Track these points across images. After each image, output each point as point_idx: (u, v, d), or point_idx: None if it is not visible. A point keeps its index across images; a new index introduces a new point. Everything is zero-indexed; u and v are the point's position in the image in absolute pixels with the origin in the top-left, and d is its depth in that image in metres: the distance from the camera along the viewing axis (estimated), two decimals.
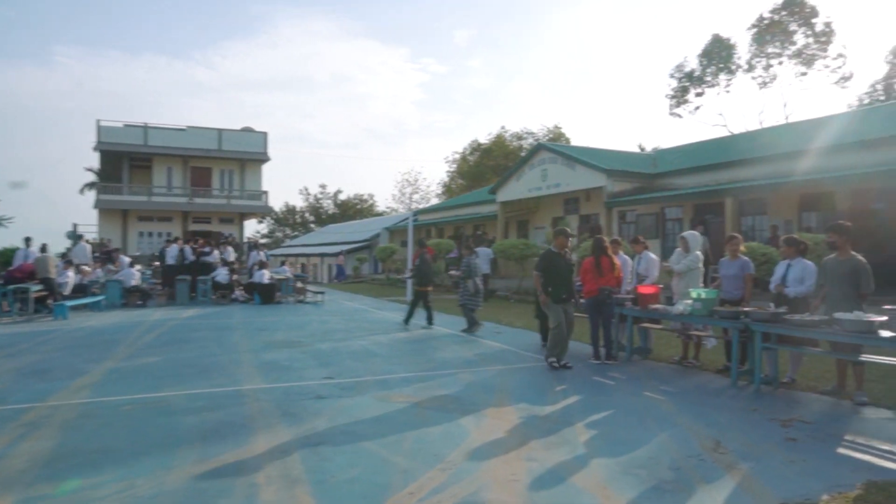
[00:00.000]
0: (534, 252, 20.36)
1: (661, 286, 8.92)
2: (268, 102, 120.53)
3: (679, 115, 44.68)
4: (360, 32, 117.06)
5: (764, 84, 41.45)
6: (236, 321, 13.98)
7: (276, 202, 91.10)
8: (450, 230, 35.52)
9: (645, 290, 8.74)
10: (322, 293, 20.05)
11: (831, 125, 19.88)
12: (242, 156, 40.51)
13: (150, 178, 39.71)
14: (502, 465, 4.55)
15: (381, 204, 79.90)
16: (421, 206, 49.91)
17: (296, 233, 78.46)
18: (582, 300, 9.89)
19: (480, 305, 12.25)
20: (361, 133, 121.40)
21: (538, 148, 25.59)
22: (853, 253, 6.69)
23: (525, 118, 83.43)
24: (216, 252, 20.23)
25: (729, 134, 33.71)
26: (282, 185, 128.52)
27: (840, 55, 38.90)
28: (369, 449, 4.90)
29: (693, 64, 42.24)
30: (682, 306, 8.03)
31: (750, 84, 42.14)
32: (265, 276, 18.31)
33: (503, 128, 72.37)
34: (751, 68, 41.09)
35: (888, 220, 15.31)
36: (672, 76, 42.97)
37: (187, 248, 19.66)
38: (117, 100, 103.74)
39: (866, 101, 38.74)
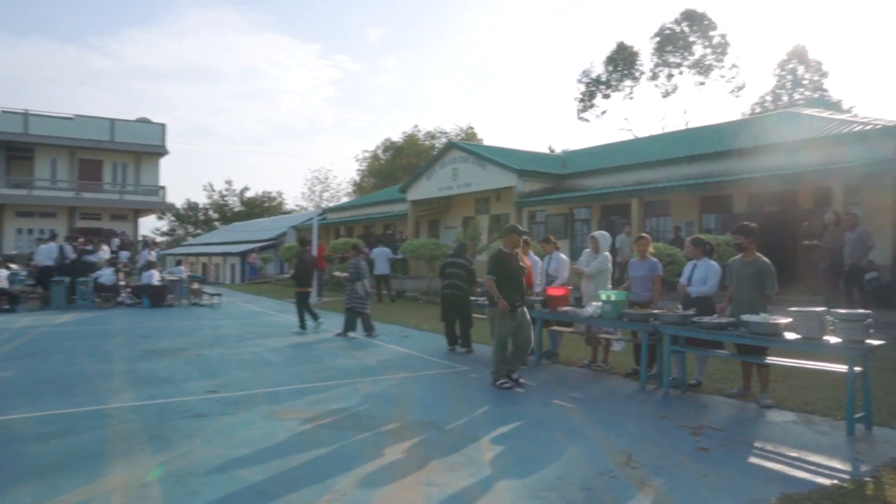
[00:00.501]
0: (443, 252, 20.00)
1: (570, 287, 8.67)
2: (171, 94, 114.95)
3: (586, 119, 45.79)
4: (271, 26, 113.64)
5: (666, 93, 43.13)
6: (117, 327, 12.75)
7: (178, 198, 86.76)
8: (359, 229, 34.69)
9: (554, 291, 8.46)
10: (219, 295, 18.86)
11: (728, 131, 20.66)
12: (137, 148, 37.97)
13: (32, 170, 36.53)
14: (398, 493, 4.02)
15: (291, 202, 77.72)
16: (332, 205, 48.67)
17: (199, 231, 74.97)
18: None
19: (367, 309, 11.66)
20: (271, 129, 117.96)
21: (449, 147, 25.28)
22: (758, 254, 6.62)
23: (438, 119, 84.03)
24: (102, 250, 18.58)
25: (634, 137, 34.70)
26: (185, 182, 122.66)
27: (734, 66, 41.03)
28: (246, 478, 4.24)
29: (600, 69, 43.41)
30: (591, 309, 7.79)
31: (653, 91, 43.80)
32: (154, 276, 16.95)
33: (416, 127, 72.10)
34: (654, 77, 42.65)
35: (781, 222, 15.94)
36: (580, 81, 43.98)
37: (67, 247, 17.93)
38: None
39: (758, 111, 41.00)
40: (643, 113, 74.70)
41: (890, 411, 5.83)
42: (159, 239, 66.81)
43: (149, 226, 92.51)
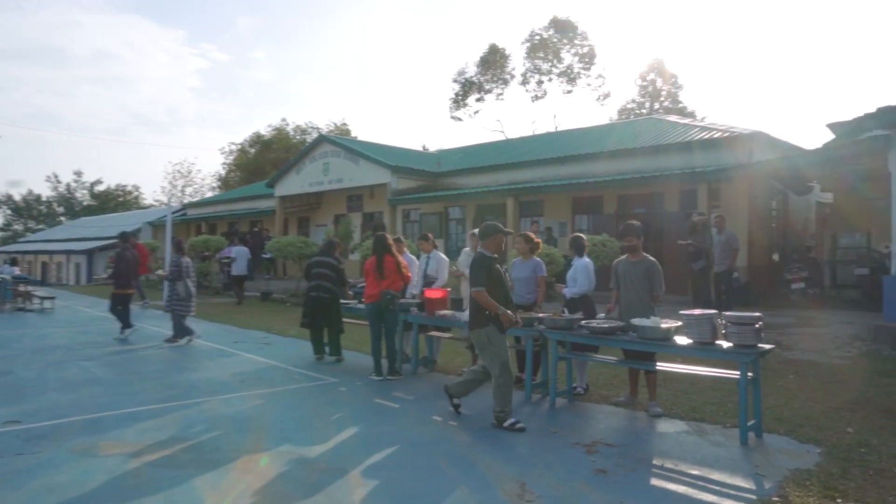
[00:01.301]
0: (312, 250, 18.84)
1: (449, 290, 8.03)
2: (8, 74, 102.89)
3: (459, 119, 45.97)
4: (128, 6, 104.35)
5: (536, 97, 44.19)
6: None
7: (16, 190, 77.79)
8: (224, 226, 32.46)
9: (433, 294, 7.79)
10: (52, 298, 16.53)
11: (597, 134, 21.16)
12: None
13: None
14: None
15: (150, 197, 72.12)
16: (195, 200, 45.32)
17: (41, 226, 67.65)
18: (361, 305, 8.76)
19: (192, 311, 10.52)
20: (128, 118, 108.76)
21: (320, 140, 24.09)
22: (645, 255, 6.31)
23: (311, 115, 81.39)
24: None
25: (506, 138, 35.07)
26: (27, 172, 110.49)
27: (600, 76, 42.80)
28: None
29: (473, 70, 43.65)
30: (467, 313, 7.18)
31: (524, 95, 44.77)
32: None
33: (283, 120, 69.47)
34: (525, 81, 43.51)
35: (648, 224, 16.37)
36: (455, 80, 44.02)
37: None
38: None
39: (622, 118, 43.05)
40: (515, 115, 76.77)
41: (772, 415, 5.67)
42: None
43: None
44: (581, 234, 7.41)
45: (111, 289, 11.37)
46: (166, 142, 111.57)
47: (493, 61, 42.70)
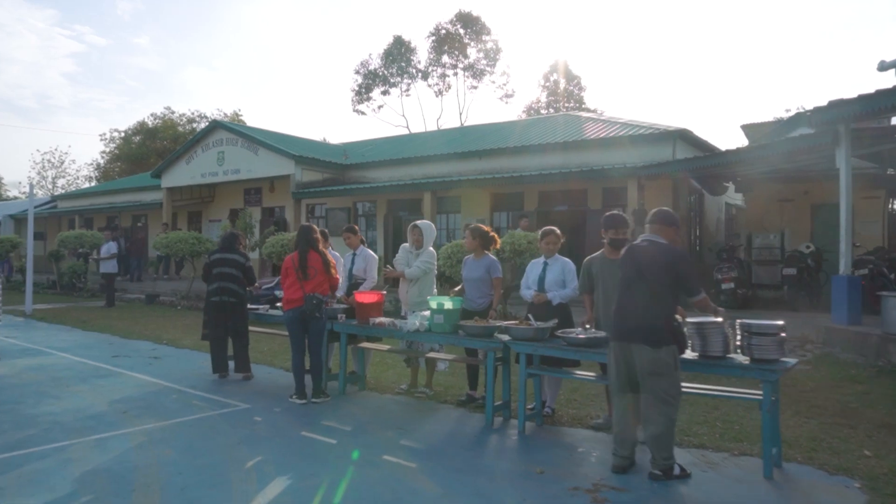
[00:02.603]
0: (206, 247, 16.91)
1: (384, 292, 6.79)
2: None
3: (363, 112, 44.40)
4: None
5: (440, 92, 43.37)
6: None
7: None
8: (102, 220, 29.27)
9: (364, 297, 6.53)
10: None
11: (514, 129, 20.49)
12: None
13: None
14: None
15: (14, 189, 65.02)
16: (68, 192, 40.77)
17: None
18: (275, 311, 7.37)
19: None
20: None
21: (214, 126, 21.88)
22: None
23: (201, 105, 75.90)
24: None
25: (421, 131, 33.93)
26: None
27: (504, 73, 42.63)
28: None
29: (377, 63, 42.24)
30: (417, 320, 6.01)
31: (428, 90, 43.83)
32: None
33: (169, 108, 64.93)
34: (426, 76, 42.55)
35: (571, 221, 15.80)
36: (357, 72, 42.40)
37: None
38: None
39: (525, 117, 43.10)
40: (420, 111, 75.42)
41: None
42: None
43: None
44: (553, 228, 6.37)
45: None
46: (35, 130, 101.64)
47: (398, 54, 41.48)
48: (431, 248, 6.63)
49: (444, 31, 41.28)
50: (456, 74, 42.73)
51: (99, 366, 7.95)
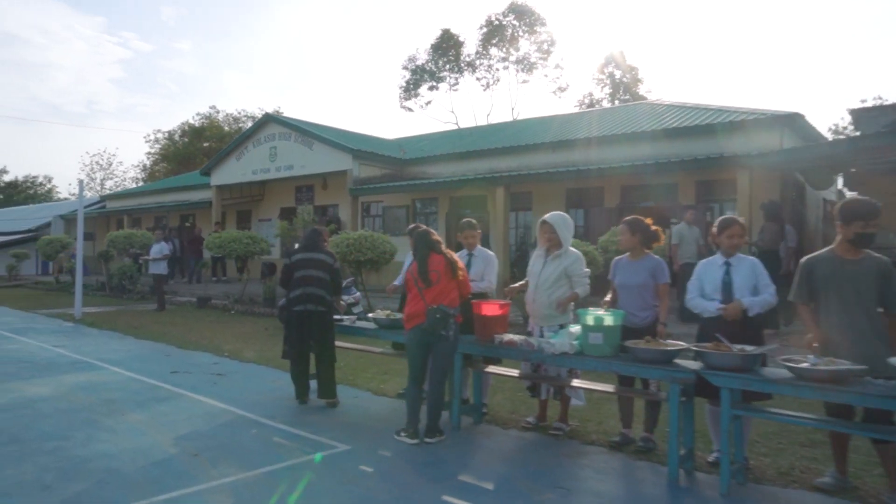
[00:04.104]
0: (262, 247, 15.86)
1: (508, 302, 5.43)
2: None
3: (410, 109, 43.36)
4: None
5: (488, 85, 41.94)
6: None
7: None
8: (150, 220, 28.71)
9: (487, 308, 5.20)
10: None
11: (589, 120, 19.00)
12: None
13: None
14: None
15: (65, 190, 65.93)
16: (116, 192, 40.59)
17: None
18: (365, 323, 6.12)
19: None
20: (40, 108, 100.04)
21: (266, 120, 20.88)
22: (868, 251, 3.96)
23: (240, 108, 76.38)
24: None
25: (486, 124, 32.49)
26: None
27: (558, 66, 41.00)
28: None
29: (425, 57, 41.07)
30: (562, 340, 4.65)
31: (477, 84, 42.46)
32: None
33: (213, 107, 64.89)
34: (474, 69, 41.15)
35: (657, 217, 14.26)
36: (405, 67, 41.26)
37: None
38: None
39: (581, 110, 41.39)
40: (469, 106, 73.20)
41: None
42: None
43: None
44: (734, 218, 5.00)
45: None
46: (84, 135, 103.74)
47: (447, 48, 40.20)
48: (574, 249, 5.24)
49: (496, 23, 39.86)
50: (506, 68, 41.33)
51: (157, 385, 6.79)
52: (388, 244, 12.63)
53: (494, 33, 39.94)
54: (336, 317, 6.29)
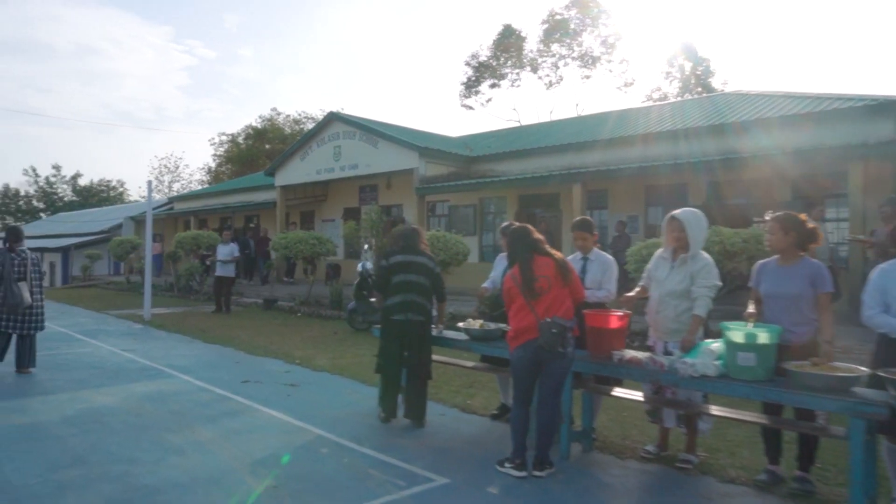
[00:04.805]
0: (328, 249, 15.50)
1: (627, 312, 4.68)
2: None
3: (471, 108, 42.62)
4: (112, 1, 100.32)
5: (550, 84, 40.90)
6: None
7: None
8: (215, 221, 28.99)
9: (603, 320, 4.48)
10: None
11: (672, 112, 17.91)
12: None
13: None
14: None
15: (135, 193, 68.23)
16: (183, 193, 41.48)
17: (20, 223, 63.66)
18: (465, 337, 5.47)
19: (31, 328, 7.37)
20: (112, 115, 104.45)
21: (330, 118, 20.56)
22: None
23: (300, 110, 77.78)
24: None
25: (554, 119, 31.59)
26: (4, 168, 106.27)
27: (624, 60, 39.62)
28: None
29: (487, 54, 40.29)
30: (703, 361, 3.88)
31: (538, 81, 41.45)
32: None
33: (275, 109, 65.77)
34: (535, 68, 40.15)
35: (748, 216, 13.17)
36: (467, 64, 40.60)
37: None
38: None
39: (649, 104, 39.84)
40: (530, 104, 71.19)
41: None
42: None
43: None
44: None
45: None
46: (153, 140, 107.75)
47: (508, 44, 39.36)
48: (705, 254, 4.46)
49: (558, 17, 38.79)
50: (567, 64, 40.19)
51: (227, 396, 6.33)
52: (460, 244, 12.03)
53: (556, 28, 38.88)
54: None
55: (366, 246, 12.63)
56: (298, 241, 15.08)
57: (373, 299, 6.00)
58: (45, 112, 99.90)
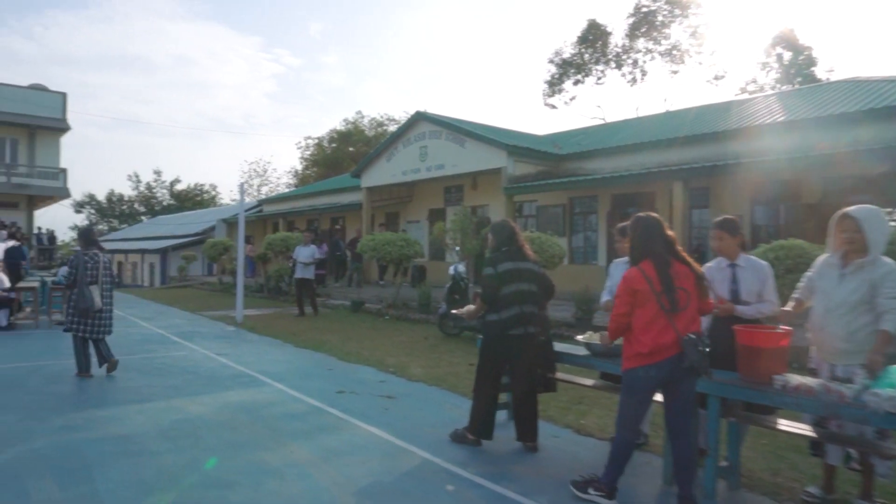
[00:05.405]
0: (416, 250, 15.18)
1: (789, 329, 3.97)
2: (97, 83, 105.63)
3: (554, 107, 41.63)
4: (208, 15, 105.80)
5: (634, 80, 39.35)
6: None
7: (101, 190, 79.04)
8: (302, 222, 29.45)
9: (763, 338, 3.80)
10: None
11: (766, 105, 16.59)
12: (31, 121, 31.41)
13: None
14: None
15: (227, 196, 71.15)
16: (272, 196, 42.64)
17: (124, 225, 67.73)
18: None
19: (101, 332, 7.27)
20: (207, 122, 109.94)
21: (416, 118, 20.32)
22: None
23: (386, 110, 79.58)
24: None
25: (642, 115, 30.44)
26: (111, 174, 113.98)
27: (714, 52, 37.67)
28: None
29: (571, 50, 39.23)
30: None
31: (622, 78, 39.93)
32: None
33: (359, 113, 66.70)
34: (619, 65, 38.68)
35: None
36: (550, 61, 39.66)
37: None
38: None
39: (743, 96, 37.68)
40: (614, 101, 68.48)
41: None
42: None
43: (57, 217, 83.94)
44: None
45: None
46: (242, 146, 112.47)
47: (594, 39, 38.15)
48: (888, 259, 3.71)
49: (644, 10, 37.27)
50: (653, 59, 38.55)
51: (322, 409, 6.00)
52: (556, 246, 11.42)
53: (643, 22, 37.35)
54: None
55: (457, 248, 12.21)
56: (386, 243, 14.84)
57: (454, 311, 5.47)
58: (147, 121, 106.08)
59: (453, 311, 5.85)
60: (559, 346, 5.17)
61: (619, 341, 4.02)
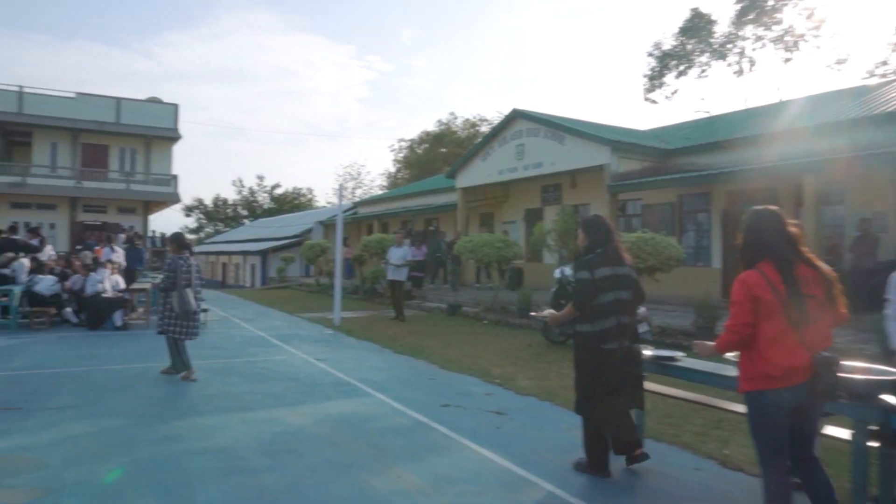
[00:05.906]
0: (515, 252, 14.61)
1: None
2: (205, 95, 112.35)
3: (654, 101, 39.81)
4: (306, 27, 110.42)
5: (741, 72, 36.92)
6: None
7: (208, 195, 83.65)
8: (396, 224, 29.54)
9: None
10: (204, 311, 13.67)
11: None
12: (147, 132, 33.28)
13: (30, 156, 32.19)
14: None
15: (322, 199, 73.26)
16: (366, 198, 43.32)
17: (227, 228, 71.19)
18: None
19: (195, 334, 7.28)
20: (304, 128, 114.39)
21: (513, 116, 19.73)
22: None
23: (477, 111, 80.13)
24: (48, 249, 13.58)
25: (755, 106, 28.56)
26: (217, 180, 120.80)
27: (835, 35, 34.77)
28: None
29: (672, 42, 37.37)
30: None
31: (726, 70, 37.59)
32: (103, 283, 11.79)
33: (452, 114, 66.72)
34: (723, 55, 36.36)
35: None
36: (650, 55, 37.97)
37: None
38: (39, 84, 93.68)
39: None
40: (719, 95, 64.10)
41: None
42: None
43: (169, 221, 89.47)
44: None
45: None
46: (337, 150, 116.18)
47: (698, 28, 36.14)
48: None
49: None
50: (763, 46, 36.04)
51: (428, 425, 5.56)
52: (673, 248, 10.55)
53: (752, 7, 34.98)
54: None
55: (563, 251, 11.58)
56: (485, 244, 14.36)
57: (533, 313, 4.89)
58: (250, 129, 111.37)
59: (532, 314, 5.32)
60: (688, 363, 4.46)
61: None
